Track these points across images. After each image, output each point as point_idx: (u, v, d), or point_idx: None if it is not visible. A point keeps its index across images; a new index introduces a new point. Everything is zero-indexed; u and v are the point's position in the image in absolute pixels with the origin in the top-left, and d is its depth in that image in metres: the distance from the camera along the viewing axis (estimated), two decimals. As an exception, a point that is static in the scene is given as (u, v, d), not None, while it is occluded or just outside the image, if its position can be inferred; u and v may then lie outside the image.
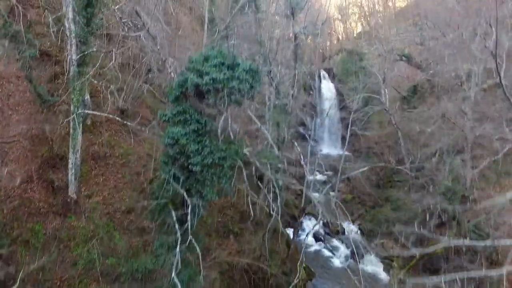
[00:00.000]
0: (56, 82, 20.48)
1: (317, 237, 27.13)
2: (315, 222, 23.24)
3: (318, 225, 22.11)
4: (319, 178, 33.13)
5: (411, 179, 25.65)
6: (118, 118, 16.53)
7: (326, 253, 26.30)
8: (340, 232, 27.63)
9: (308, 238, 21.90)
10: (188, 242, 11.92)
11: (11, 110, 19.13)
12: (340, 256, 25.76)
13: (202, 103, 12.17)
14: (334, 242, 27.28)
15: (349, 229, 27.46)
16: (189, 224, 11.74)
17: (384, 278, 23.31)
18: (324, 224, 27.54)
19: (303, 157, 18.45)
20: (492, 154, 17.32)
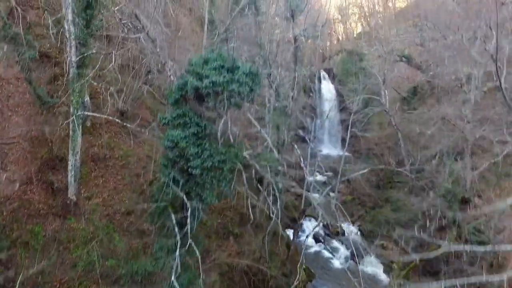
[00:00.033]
0: (56, 83, 20.44)
1: (317, 238, 27.10)
2: (315, 224, 23.22)
3: (318, 226, 22.07)
4: (319, 179, 33.12)
5: (411, 181, 25.62)
6: (118, 120, 16.50)
7: (326, 254, 26.24)
8: (340, 233, 27.60)
9: (308, 239, 21.87)
10: (188, 245, 11.90)
11: (10, 111, 19.10)
12: (340, 257, 25.71)
13: (201, 106, 12.14)
14: (334, 243, 27.24)
15: (349, 230, 27.43)
16: (188, 228, 11.72)
17: (384, 280, 23.24)
18: (324, 225, 27.49)
19: (303, 159, 18.42)
20: (492, 156, 17.30)
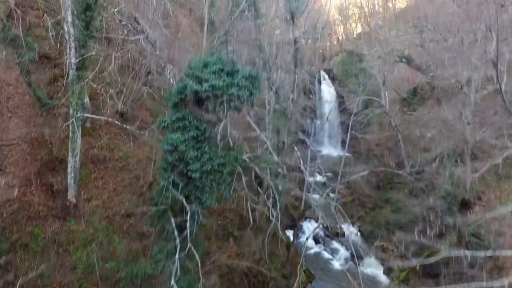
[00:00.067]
0: (56, 84, 20.43)
1: (316, 239, 27.07)
2: (315, 225, 23.18)
3: (318, 228, 22.05)
4: (319, 180, 33.07)
5: (411, 183, 25.59)
6: (118, 122, 16.48)
7: (326, 255, 26.19)
8: (340, 234, 27.54)
9: (308, 241, 21.85)
10: (187, 249, 11.88)
11: (10, 112, 19.07)
12: (340, 259, 25.66)
13: (201, 109, 12.11)
14: (334, 244, 27.19)
15: (349, 231, 27.37)
16: (188, 231, 11.71)
17: (384, 281, 23.18)
18: (324, 226, 27.47)
19: (302, 161, 18.40)
20: (492, 158, 17.27)
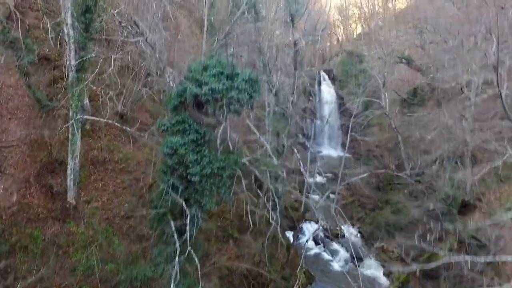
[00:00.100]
0: (55, 86, 20.41)
1: (316, 240, 27.02)
2: (315, 227, 23.14)
3: (317, 230, 22.02)
4: (319, 181, 33.05)
5: (411, 185, 25.56)
6: (118, 124, 16.46)
7: (326, 256, 26.12)
8: (340, 235, 27.48)
9: (308, 243, 21.82)
10: (187, 253, 11.86)
11: (10, 114, 19.06)
12: (339, 260, 25.60)
13: (201, 112, 12.09)
14: (334, 245, 27.12)
15: (349, 232, 27.32)
16: (187, 235, 11.69)
17: (384, 283, 23.14)
18: (323, 228, 27.44)
19: (302, 164, 18.38)
20: (492, 160, 17.26)
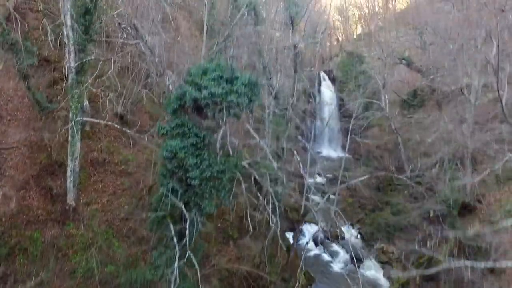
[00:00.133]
0: (55, 87, 20.37)
1: (316, 242, 27.00)
2: (315, 228, 23.10)
3: (317, 232, 22.00)
4: (319, 181, 33.05)
5: (411, 188, 25.54)
6: (117, 126, 16.43)
7: (326, 257, 26.11)
8: (340, 236, 27.46)
9: (308, 245, 21.80)
10: (186, 257, 11.84)
11: (9, 115, 19.03)
12: (339, 261, 25.60)
13: (200, 116, 12.08)
14: (334, 246, 27.11)
15: (349, 233, 27.31)
16: (187, 239, 11.67)
17: (384, 284, 23.15)
18: (323, 229, 27.41)
19: (302, 166, 18.37)
20: (492, 163, 17.25)
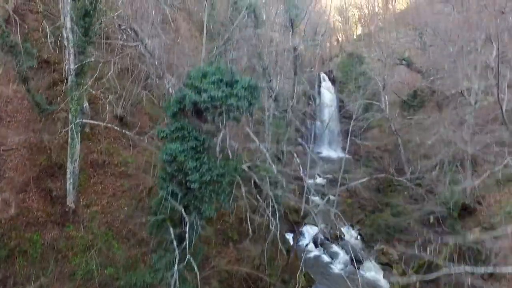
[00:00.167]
0: (55, 89, 20.35)
1: (316, 243, 26.99)
2: (315, 229, 23.09)
3: (317, 233, 21.99)
4: (319, 182, 33.08)
5: (411, 190, 25.53)
6: (117, 128, 16.42)
7: (326, 259, 26.05)
8: (340, 238, 27.44)
9: (307, 247, 21.79)
10: (186, 260, 11.83)
11: (9, 117, 19.01)
12: (339, 262, 25.56)
13: (200, 120, 12.06)
14: (334, 248, 27.07)
15: (349, 234, 27.29)
16: (187, 243, 11.66)
17: (384, 285, 23.12)
18: (323, 231, 27.38)
19: (302, 169, 18.37)
20: (492, 165, 17.27)
